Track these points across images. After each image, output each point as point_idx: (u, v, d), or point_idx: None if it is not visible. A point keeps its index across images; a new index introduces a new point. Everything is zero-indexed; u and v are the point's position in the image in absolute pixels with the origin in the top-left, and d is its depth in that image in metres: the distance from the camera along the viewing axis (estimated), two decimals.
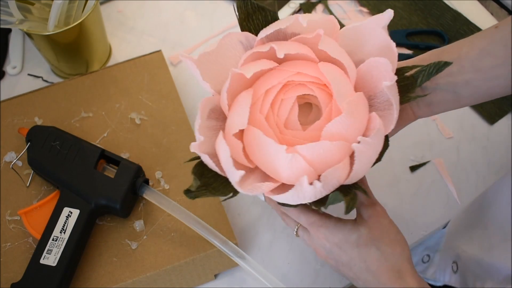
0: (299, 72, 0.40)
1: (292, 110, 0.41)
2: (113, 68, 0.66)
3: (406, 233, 0.59)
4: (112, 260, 0.53)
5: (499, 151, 0.65)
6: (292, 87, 0.41)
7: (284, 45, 0.40)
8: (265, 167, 0.40)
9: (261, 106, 0.41)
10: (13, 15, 0.60)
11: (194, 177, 0.41)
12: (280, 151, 0.37)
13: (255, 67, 0.40)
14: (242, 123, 0.39)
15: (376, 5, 0.78)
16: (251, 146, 0.40)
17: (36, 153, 0.55)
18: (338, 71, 0.40)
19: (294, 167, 0.38)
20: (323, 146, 0.37)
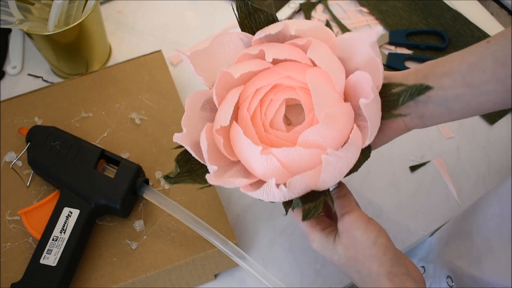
0: (289, 76, 0.42)
1: (278, 111, 0.43)
2: (113, 68, 0.66)
3: (406, 233, 0.59)
4: (112, 260, 0.53)
5: (499, 151, 0.65)
6: (281, 89, 0.42)
7: (275, 49, 0.41)
8: (244, 163, 0.42)
9: (249, 104, 0.42)
10: (13, 15, 0.60)
11: (176, 164, 0.44)
12: (256, 151, 0.39)
13: (244, 68, 0.42)
14: (224, 120, 0.41)
15: (376, 5, 0.78)
16: (233, 141, 0.42)
17: (36, 153, 0.55)
18: (322, 80, 0.40)
19: (269, 167, 0.40)
20: (297, 152, 0.39)
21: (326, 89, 0.40)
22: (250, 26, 0.46)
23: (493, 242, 0.45)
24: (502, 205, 0.44)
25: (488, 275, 0.45)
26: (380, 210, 0.61)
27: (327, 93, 0.40)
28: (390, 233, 0.59)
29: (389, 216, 0.60)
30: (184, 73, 0.71)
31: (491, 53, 0.41)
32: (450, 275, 0.53)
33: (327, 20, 0.77)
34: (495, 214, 0.45)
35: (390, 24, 0.76)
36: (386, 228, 0.59)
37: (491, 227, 0.46)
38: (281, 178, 0.40)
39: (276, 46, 0.42)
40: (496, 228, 0.45)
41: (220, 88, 0.43)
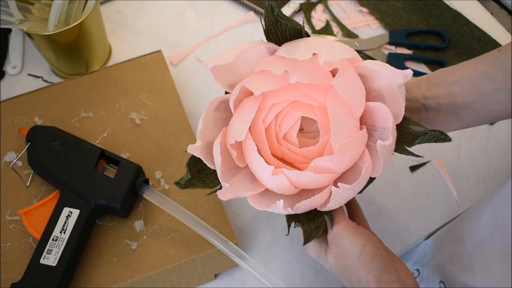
0: (308, 95, 0.41)
1: (293, 126, 0.43)
2: (113, 68, 0.66)
3: (406, 233, 0.59)
4: (112, 260, 0.53)
5: (499, 151, 0.65)
6: (299, 105, 0.42)
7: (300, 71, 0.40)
8: (254, 173, 0.43)
9: (265, 116, 0.42)
10: (13, 15, 0.60)
11: (187, 169, 0.44)
12: (267, 170, 0.40)
13: (265, 86, 0.41)
14: (240, 135, 0.41)
15: (376, 5, 0.78)
16: (246, 154, 0.42)
17: (36, 153, 0.55)
18: (342, 108, 0.40)
19: (278, 184, 0.41)
20: (307, 176, 0.40)
21: (344, 117, 0.40)
22: (275, 32, 0.44)
23: (486, 250, 0.45)
24: (495, 213, 0.44)
25: (480, 283, 0.45)
26: (380, 210, 0.61)
27: (345, 122, 0.40)
28: (390, 233, 0.59)
29: (389, 216, 0.60)
30: (184, 73, 0.71)
31: (501, 63, 0.41)
32: (442, 280, 0.53)
33: (327, 20, 0.77)
34: (488, 222, 0.45)
35: (390, 24, 0.76)
36: (386, 228, 0.59)
37: (484, 235, 0.46)
38: (288, 191, 0.42)
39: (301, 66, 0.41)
40: (489, 235, 0.44)
41: (238, 100, 0.43)
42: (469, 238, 0.48)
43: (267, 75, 0.42)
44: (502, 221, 0.43)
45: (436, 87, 0.44)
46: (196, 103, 0.68)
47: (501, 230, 0.43)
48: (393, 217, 0.60)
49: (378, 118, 0.41)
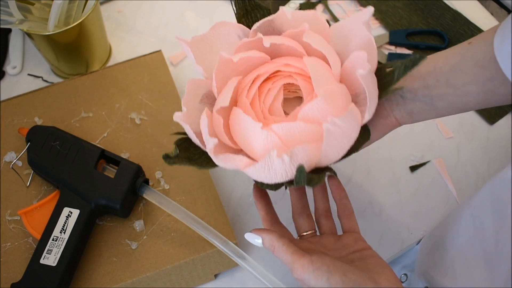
0: (286, 64, 0.42)
1: (276, 97, 0.43)
2: (113, 68, 0.66)
3: (406, 233, 0.59)
4: (112, 260, 0.53)
5: (499, 152, 0.65)
6: (279, 77, 0.43)
7: (272, 37, 0.43)
8: (244, 146, 0.42)
9: (247, 91, 0.43)
10: (13, 15, 0.60)
11: (175, 146, 0.44)
12: (256, 127, 0.39)
13: (243, 54, 0.42)
14: (224, 101, 0.41)
15: (376, 5, 0.78)
16: (233, 125, 0.42)
17: (36, 153, 0.55)
18: (320, 63, 0.42)
19: (269, 144, 0.39)
20: (297, 126, 0.39)
21: (324, 70, 0.41)
22: (247, 24, 0.46)
23: (468, 256, 0.45)
24: (474, 218, 0.44)
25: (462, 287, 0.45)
26: (380, 210, 0.61)
27: (325, 73, 0.41)
28: (390, 233, 0.59)
29: (389, 216, 0.60)
30: (184, 73, 0.71)
31: (471, 56, 0.42)
32: (427, 286, 0.52)
33: (327, 20, 0.77)
34: (467, 227, 0.45)
35: (390, 24, 0.76)
36: (386, 228, 0.59)
37: (464, 240, 0.45)
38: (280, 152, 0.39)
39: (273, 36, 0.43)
40: (470, 241, 0.44)
41: (220, 74, 0.43)
42: (450, 244, 0.48)
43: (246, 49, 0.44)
44: (481, 226, 0.43)
45: (411, 79, 0.45)
46: None
47: (480, 236, 0.43)
48: (393, 217, 0.61)
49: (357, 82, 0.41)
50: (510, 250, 0.39)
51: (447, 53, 0.44)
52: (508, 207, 0.39)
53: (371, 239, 0.58)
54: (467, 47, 0.43)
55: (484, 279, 0.42)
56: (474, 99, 0.42)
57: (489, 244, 0.42)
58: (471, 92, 0.42)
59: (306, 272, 0.40)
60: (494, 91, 0.41)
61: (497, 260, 0.41)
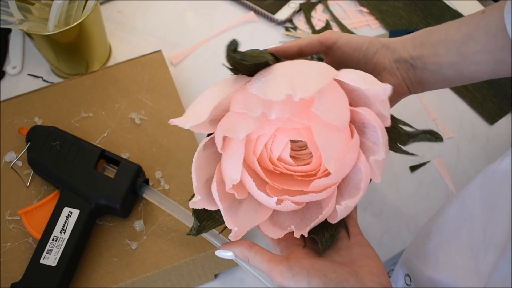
0: (290, 119, 0.40)
1: (284, 149, 0.41)
2: (113, 68, 0.66)
3: (406, 233, 0.59)
4: (112, 260, 0.53)
5: (499, 151, 0.65)
6: (284, 131, 0.41)
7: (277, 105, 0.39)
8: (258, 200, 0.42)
9: (254, 148, 0.41)
10: (13, 15, 0.60)
11: (194, 218, 0.44)
12: (271, 202, 0.40)
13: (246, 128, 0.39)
14: (235, 178, 0.40)
15: (376, 5, 0.78)
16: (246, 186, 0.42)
17: (36, 153, 0.55)
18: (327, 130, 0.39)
19: (285, 208, 0.41)
20: (310, 197, 0.40)
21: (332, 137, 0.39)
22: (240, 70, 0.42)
23: (451, 245, 0.45)
24: (463, 208, 0.44)
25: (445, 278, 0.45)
26: (380, 210, 0.61)
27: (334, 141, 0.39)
28: (390, 233, 0.59)
29: (389, 216, 0.60)
30: (184, 73, 0.71)
31: (484, 25, 0.42)
32: (408, 273, 0.52)
33: (327, 20, 0.77)
34: (455, 217, 0.45)
35: (390, 24, 0.76)
36: (386, 228, 0.59)
37: (450, 229, 0.46)
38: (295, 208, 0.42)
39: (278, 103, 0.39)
40: (456, 231, 0.44)
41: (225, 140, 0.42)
42: (435, 233, 0.48)
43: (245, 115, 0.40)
44: (469, 217, 0.43)
45: (421, 47, 0.45)
46: None
47: (468, 226, 0.43)
48: (393, 217, 0.61)
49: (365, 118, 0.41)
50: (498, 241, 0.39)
51: (460, 22, 0.44)
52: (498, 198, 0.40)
53: (371, 239, 0.58)
54: (480, 16, 0.43)
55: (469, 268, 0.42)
56: (483, 69, 0.43)
57: (476, 235, 0.42)
58: (481, 61, 0.42)
59: (285, 279, 0.39)
60: (503, 61, 0.42)
61: (485, 250, 0.41)
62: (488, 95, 0.69)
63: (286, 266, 0.39)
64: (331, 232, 0.42)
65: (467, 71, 0.44)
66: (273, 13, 0.77)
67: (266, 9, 0.77)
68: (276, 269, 0.40)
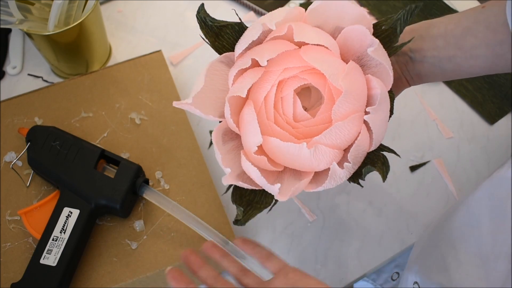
0: (286, 68, 0.42)
1: (294, 104, 0.42)
2: (113, 68, 0.66)
3: (406, 233, 0.59)
4: (112, 260, 0.53)
5: (499, 151, 0.65)
6: (286, 83, 0.42)
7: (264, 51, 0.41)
8: (293, 166, 0.42)
9: (266, 113, 0.42)
10: (13, 15, 0.60)
11: (237, 206, 0.44)
12: (302, 148, 0.39)
13: (247, 83, 0.41)
14: (257, 140, 0.40)
15: (376, 5, 0.78)
16: (274, 153, 0.42)
17: (36, 153, 0.55)
18: (320, 53, 0.41)
19: (320, 157, 0.40)
20: (338, 128, 0.39)
21: (328, 57, 0.40)
22: (222, 45, 0.45)
23: (459, 252, 0.45)
24: (470, 215, 0.44)
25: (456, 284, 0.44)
26: (380, 210, 0.61)
27: (332, 61, 0.40)
28: (390, 233, 0.59)
29: (389, 216, 0.60)
30: (184, 73, 0.71)
31: (484, 19, 0.42)
32: (417, 281, 0.52)
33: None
34: (462, 224, 0.45)
35: None
36: (386, 228, 0.59)
37: (457, 236, 0.46)
38: (335, 158, 0.40)
39: (263, 48, 0.42)
40: (464, 238, 0.44)
41: (234, 113, 0.43)
42: (442, 239, 0.48)
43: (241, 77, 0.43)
44: (477, 224, 0.43)
45: (420, 40, 0.45)
46: None
47: (476, 233, 0.43)
48: (393, 217, 0.61)
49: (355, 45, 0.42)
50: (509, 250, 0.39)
51: (459, 15, 0.45)
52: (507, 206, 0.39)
53: (371, 239, 0.59)
54: (480, 11, 0.43)
55: (480, 278, 0.42)
56: (481, 63, 0.43)
57: (485, 243, 0.42)
58: (479, 55, 0.43)
59: None
60: (502, 56, 0.42)
61: (494, 259, 0.41)
62: (488, 95, 0.69)
63: None
64: (382, 160, 0.42)
65: (466, 65, 0.44)
66: None
67: (266, 9, 0.77)
68: None
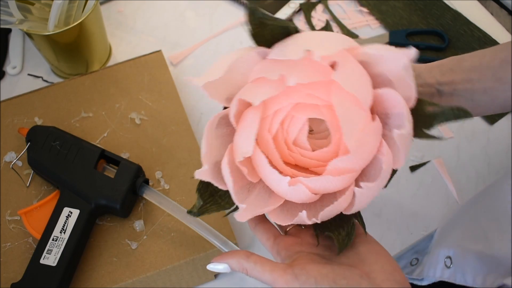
0: (310, 94, 0.39)
1: (302, 130, 0.40)
2: (113, 68, 0.66)
3: (406, 233, 0.59)
4: (112, 260, 0.53)
5: (499, 151, 0.65)
6: (303, 107, 0.39)
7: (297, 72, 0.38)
8: (269, 185, 0.41)
9: (270, 125, 0.40)
10: (13, 15, 0.60)
11: (198, 196, 0.42)
12: (283, 182, 0.38)
13: (263, 94, 0.38)
14: (247, 150, 0.38)
15: (376, 5, 0.78)
16: (258, 168, 0.40)
17: (36, 153, 0.55)
18: (349, 102, 0.37)
19: (298, 194, 0.38)
20: (326, 180, 0.37)
21: (353, 111, 0.37)
22: (262, 35, 0.41)
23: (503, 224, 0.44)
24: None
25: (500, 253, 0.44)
26: (380, 210, 0.61)
27: (355, 116, 0.37)
28: (390, 233, 0.59)
29: (389, 216, 0.60)
30: (184, 73, 0.71)
31: None
32: (449, 255, 0.51)
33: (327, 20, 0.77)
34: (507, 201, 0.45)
35: (390, 24, 0.76)
36: (386, 228, 0.59)
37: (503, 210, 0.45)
38: (308, 199, 0.39)
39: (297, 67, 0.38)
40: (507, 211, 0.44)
41: (238, 113, 0.41)
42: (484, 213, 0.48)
43: (263, 82, 0.39)
44: None
45: (451, 73, 0.44)
46: (196, 103, 0.68)
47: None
48: (393, 217, 0.61)
49: (389, 104, 0.39)
50: None
51: (495, 48, 0.44)
52: None
53: None
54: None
55: None
56: None
57: None
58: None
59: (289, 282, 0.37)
60: None
61: None
62: None
63: (291, 275, 0.37)
64: (348, 230, 0.40)
65: (502, 96, 0.43)
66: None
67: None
68: (280, 279, 0.37)
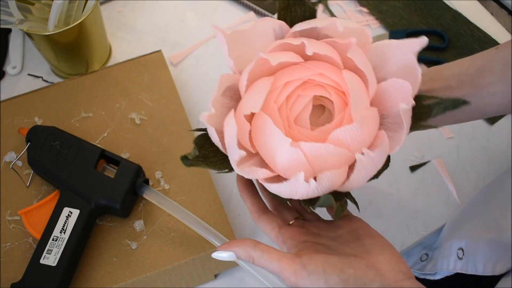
0: (321, 73, 0.40)
1: (305, 108, 0.41)
2: (113, 68, 0.66)
3: (406, 233, 0.59)
4: (112, 260, 0.53)
5: (499, 151, 0.65)
6: (311, 86, 0.41)
7: (315, 44, 0.40)
8: (265, 155, 0.41)
9: (277, 96, 0.41)
10: (13, 15, 0.60)
11: (194, 146, 0.42)
12: (284, 143, 0.38)
13: (282, 57, 0.40)
14: (255, 106, 0.39)
15: (376, 5, 0.78)
16: (258, 131, 0.40)
17: (36, 153, 0.55)
18: (359, 82, 0.40)
19: (294, 161, 0.38)
20: (326, 148, 0.37)
21: (362, 91, 0.39)
22: (285, 18, 0.44)
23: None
24: None
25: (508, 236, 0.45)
26: (380, 210, 0.61)
27: (363, 95, 0.39)
28: (390, 233, 0.59)
29: (389, 216, 0.60)
30: (184, 73, 0.71)
31: (500, 57, 0.42)
32: (461, 246, 0.52)
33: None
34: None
35: (390, 24, 0.76)
36: (386, 228, 0.59)
37: None
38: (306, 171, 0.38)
39: (315, 41, 0.41)
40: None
41: (253, 73, 0.41)
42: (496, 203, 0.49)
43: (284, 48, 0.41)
44: None
45: (431, 82, 0.45)
46: (196, 103, 0.68)
47: None
48: (393, 217, 0.61)
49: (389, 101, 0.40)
50: None
51: (473, 57, 0.45)
52: None
53: None
54: (494, 51, 0.44)
55: None
56: (498, 100, 0.43)
57: None
58: (496, 92, 0.42)
59: (300, 279, 0.37)
60: None
61: None
62: None
63: (299, 264, 0.37)
64: (341, 203, 0.40)
65: (481, 102, 0.43)
66: (273, 13, 0.77)
67: (266, 9, 0.77)
68: (288, 268, 0.37)
